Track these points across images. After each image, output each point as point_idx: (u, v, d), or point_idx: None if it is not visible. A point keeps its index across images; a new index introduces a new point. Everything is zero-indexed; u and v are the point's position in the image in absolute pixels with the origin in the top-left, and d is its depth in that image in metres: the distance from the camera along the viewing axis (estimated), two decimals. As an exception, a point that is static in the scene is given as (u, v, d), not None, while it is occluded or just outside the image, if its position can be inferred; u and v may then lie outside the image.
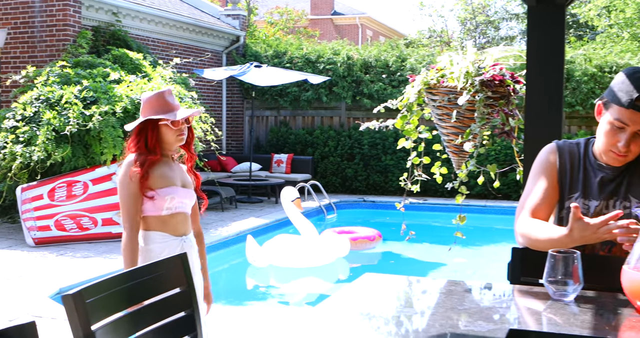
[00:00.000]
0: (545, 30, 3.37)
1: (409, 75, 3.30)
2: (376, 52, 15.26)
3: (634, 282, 1.90)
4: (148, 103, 3.31)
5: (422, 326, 1.84)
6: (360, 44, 27.72)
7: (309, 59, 15.30)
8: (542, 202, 2.51)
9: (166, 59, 13.17)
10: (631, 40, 22.13)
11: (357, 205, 13.66)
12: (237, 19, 16.13)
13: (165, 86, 3.86)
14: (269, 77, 12.55)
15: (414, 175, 3.44)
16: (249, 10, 21.16)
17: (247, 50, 15.92)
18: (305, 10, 30.38)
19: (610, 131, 2.37)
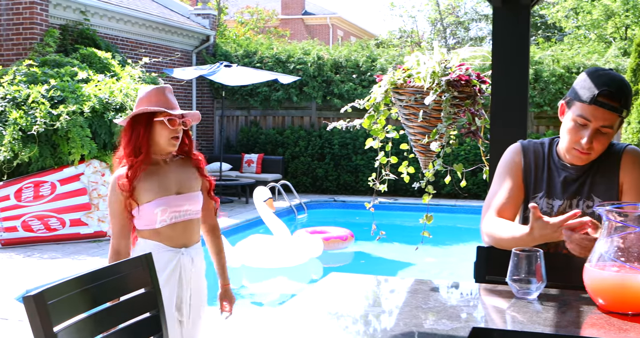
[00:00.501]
0: (510, 31, 3.39)
1: (376, 75, 3.31)
2: (346, 52, 15.29)
3: (595, 280, 1.93)
4: (146, 97, 3.00)
5: (386, 325, 1.85)
6: (331, 44, 27.77)
7: (280, 59, 15.28)
8: (508, 202, 2.53)
9: (135, 58, 13.08)
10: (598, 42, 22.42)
11: (327, 205, 13.67)
12: (207, 19, 16.06)
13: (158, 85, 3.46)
14: (239, 76, 12.52)
15: (382, 175, 3.45)
16: (219, 10, 21.08)
17: (217, 50, 15.86)
18: (276, 10, 30.35)
19: (574, 128, 2.40)
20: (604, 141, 2.39)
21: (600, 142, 2.38)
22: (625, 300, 1.88)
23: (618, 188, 2.46)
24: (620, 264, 1.90)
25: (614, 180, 2.46)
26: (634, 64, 12.45)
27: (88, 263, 7.59)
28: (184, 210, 3.05)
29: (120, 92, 9.29)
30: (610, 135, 2.39)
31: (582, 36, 24.26)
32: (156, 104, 2.97)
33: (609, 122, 2.34)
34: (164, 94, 3.02)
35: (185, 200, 3.05)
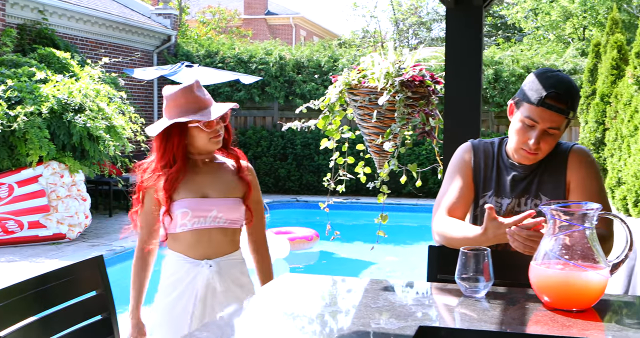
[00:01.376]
0: (463, 32, 3.43)
1: (332, 76, 3.32)
2: (308, 52, 15.31)
3: (540, 278, 1.96)
4: (173, 101, 2.69)
5: (333, 325, 1.86)
6: (293, 44, 27.74)
7: (241, 59, 15.25)
8: (458, 201, 2.56)
9: (95, 58, 12.93)
10: (556, 42, 22.75)
11: (290, 205, 13.67)
12: (169, 18, 15.96)
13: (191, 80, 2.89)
14: (200, 76, 12.43)
15: (337, 175, 3.46)
16: (180, 10, 20.95)
17: (179, 50, 15.77)
18: (239, 9, 30.24)
19: (521, 129, 2.44)
20: (551, 142, 2.43)
21: (547, 143, 2.42)
22: (570, 297, 1.92)
23: (565, 187, 2.50)
24: (564, 262, 1.93)
25: (562, 179, 2.50)
26: (591, 64, 12.66)
27: (46, 266, 7.49)
28: (212, 217, 2.72)
29: (79, 92, 9.19)
30: (557, 135, 2.43)
31: (541, 37, 24.58)
32: (186, 108, 2.66)
33: (556, 123, 2.38)
34: (192, 94, 2.69)
35: (214, 205, 2.72)
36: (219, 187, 2.76)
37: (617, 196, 8.62)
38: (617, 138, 9.55)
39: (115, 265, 8.29)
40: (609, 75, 10.86)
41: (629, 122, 8.52)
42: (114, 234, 9.71)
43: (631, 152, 7.96)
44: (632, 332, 1.76)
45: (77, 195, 9.22)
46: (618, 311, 2.03)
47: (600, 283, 1.93)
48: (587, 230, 1.94)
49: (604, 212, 2.03)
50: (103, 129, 9.08)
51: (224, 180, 2.79)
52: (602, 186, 2.51)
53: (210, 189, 2.74)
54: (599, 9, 21.70)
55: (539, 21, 23.99)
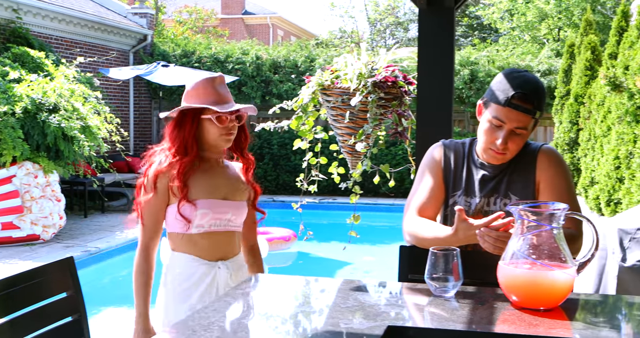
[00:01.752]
0: (435, 32, 3.45)
1: (305, 77, 3.32)
2: (285, 52, 15.31)
3: (508, 277, 1.98)
4: (193, 89, 2.68)
5: (303, 325, 1.86)
6: (271, 44, 27.72)
7: (218, 59, 15.22)
8: (429, 201, 2.58)
9: (70, 57, 12.84)
10: (532, 43, 22.92)
11: (267, 205, 13.62)
12: (145, 18, 15.88)
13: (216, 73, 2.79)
14: (176, 76, 12.41)
15: (310, 176, 3.47)
16: (156, 9, 20.85)
17: (155, 50, 15.70)
18: (216, 9, 30.16)
19: (489, 129, 2.46)
20: (519, 141, 2.45)
21: (515, 143, 2.45)
22: (537, 296, 1.94)
23: (534, 186, 2.53)
24: (532, 261, 1.96)
25: (531, 178, 2.53)
26: (565, 65, 12.76)
27: (20, 267, 7.43)
28: (227, 219, 2.70)
29: (53, 92, 9.12)
30: (525, 135, 2.45)
31: (517, 37, 24.75)
32: (204, 98, 2.65)
33: (523, 123, 2.41)
34: (213, 86, 2.67)
35: (230, 207, 2.70)
36: (234, 190, 2.75)
37: (590, 195, 8.70)
38: (591, 138, 9.65)
39: (90, 267, 8.25)
40: (583, 76, 10.96)
41: (602, 123, 8.61)
42: (89, 235, 9.65)
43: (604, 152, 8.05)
44: (597, 330, 1.78)
45: (52, 195, 9.14)
46: (585, 309, 2.05)
47: (567, 283, 1.95)
48: (554, 229, 1.97)
49: (571, 212, 2.05)
50: (78, 129, 9.01)
51: (236, 183, 2.78)
52: (571, 185, 2.54)
53: (228, 191, 2.72)
54: (574, 11, 21.90)
55: (514, 22, 24.16)
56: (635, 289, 3.55)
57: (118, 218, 11.24)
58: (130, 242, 9.41)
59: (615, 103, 7.59)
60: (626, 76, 7.11)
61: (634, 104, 6.71)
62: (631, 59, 6.97)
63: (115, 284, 8.53)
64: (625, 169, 6.81)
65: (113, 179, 12.13)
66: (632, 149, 6.54)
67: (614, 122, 7.60)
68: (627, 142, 6.81)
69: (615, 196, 7.30)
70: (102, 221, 10.99)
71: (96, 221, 10.96)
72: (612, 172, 7.29)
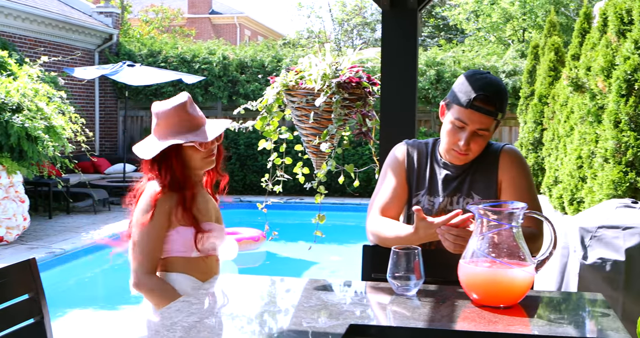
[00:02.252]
0: (398, 33, 3.48)
1: (270, 77, 3.33)
2: (252, 52, 15.29)
3: (469, 275, 2.00)
4: (165, 119, 2.58)
5: (267, 324, 1.87)
6: (238, 44, 27.64)
7: (184, 59, 15.15)
8: (392, 201, 2.61)
9: (34, 56, 12.69)
10: (497, 44, 23.15)
11: (234, 205, 13.59)
12: (110, 17, 15.74)
13: (183, 95, 2.66)
14: (142, 76, 12.33)
15: (275, 176, 3.47)
16: (122, 8, 20.66)
17: (121, 49, 15.58)
18: (182, 9, 29.99)
19: (452, 130, 2.49)
20: (481, 142, 2.49)
21: (477, 143, 2.48)
22: (497, 294, 1.97)
23: (497, 186, 2.56)
24: (491, 260, 1.99)
25: (493, 178, 2.56)
26: (530, 66, 12.91)
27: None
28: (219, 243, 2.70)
29: (17, 91, 9.00)
30: (487, 136, 2.49)
31: (482, 38, 24.98)
32: (180, 127, 2.56)
33: (485, 125, 2.44)
34: (185, 112, 2.59)
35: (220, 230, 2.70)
36: (219, 213, 2.77)
37: (554, 194, 8.80)
38: (554, 138, 9.77)
39: (54, 268, 8.17)
40: (547, 77, 11.09)
41: (565, 123, 8.72)
42: (54, 236, 9.55)
43: (567, 152, 8.15)
44: (555, 326, 1.82)
45: (15, 196, 9.03)
46: (544, 306, 2.09)
47: (526, 280, 1.99)
48: (513, 228, 2.00)
49: (529, 211, 2.09)
50: (42, 129, 8.90)
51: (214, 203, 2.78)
52: (531, 185, 2.58)
53: (217, 215, 2.73)
54: (538, 12, 22.15)
55: (480, 23, 24.37)
56: (596, 286, 3.62)
57: (84, 220, 11.13)
58: (96, 244, 9.33)
59: (577, 103, 7.70)
60: (588, 77, 7.22)
61: (595, 104, 6.82)
62: (593, 60, 7.07)
63: (80, 286, 8.46)
64: (587, 168, 6.91)
65: (78, 180, 12.01)
66: (594, 148, 6.64)
67: (577, 122, 7.71)
68: (589, 141, 6.91)
69: (578, 195, 7.41)
70: (67, 222, 10.88)
71: (61, 222, 10.85)
72: (575, 171, 7.40)
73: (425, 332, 1.80)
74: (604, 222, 3.80)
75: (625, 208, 3.96)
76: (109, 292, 8.30)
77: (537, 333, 1.78)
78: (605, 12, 7.08)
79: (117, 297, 7.91)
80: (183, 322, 1.83)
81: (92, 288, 8.55)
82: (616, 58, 6.19)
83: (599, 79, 6.52)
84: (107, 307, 7.42)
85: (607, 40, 6.52)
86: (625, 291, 3.58)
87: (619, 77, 5.83)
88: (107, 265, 9.31)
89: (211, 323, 1.82)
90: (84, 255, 8.97)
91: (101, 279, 8.98)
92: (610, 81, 6.10)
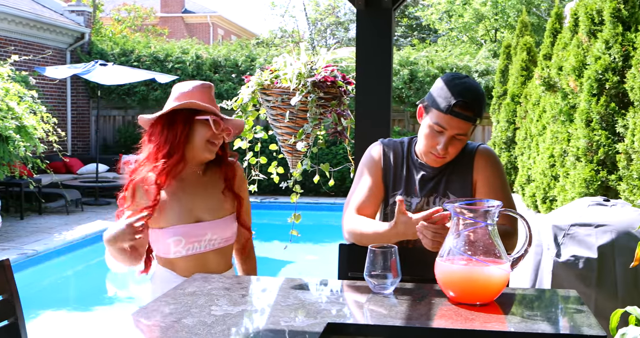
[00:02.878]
0: (373, 33, 3.49)
1: (244, 76, 3.32)
2: (225, 51, 15.24)
3: (445, 273, 2.02)
4: (187, 92, 2.54)
5: (244, 324, 1.87)
6: (211, 43, 27.53)
7: (157, 58, 15.07)
8: (367, 200, 2.61)
9: (4, 55, 12.54)
10: (469, 44, 23.30)
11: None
12: (82, 15, 15.60)
13: None
14: (115, 75, 12.23)
15: (250, 175, 3.47)
16: (94, 7, 20.50)
17: (93, 48, 15.45)
18: (155, 7, 29.79)
19: (430, 134, 2.50)
20: (459, 146, 2.51)
21: (455, 147, 2.51)
22: (473, 291, 1.99)
23: (472, 186, 2.59)
24: (467, 258, 2.00)
25: (468, 178, 2.58)
26: (502, 65, 13.01)
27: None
28: (207, 240, 2.57)
29: (-13, 91, 8.90)
30: (465, 140, 2.51)
31: (455, 38, 25.12)
32: (200, 100, 2.51)
33: (464, 130, 2.46)
34: (209, 93, 2.57)
35: (208, 228, 2.56)
36: (211, 207, 2.59)
37: (527, 193, 8.89)
38: (527, 137, 9.86)
39: (27, 269, 8.08)
40: (519, 76, 11.19)
41: (537, 122, 8.81)
42: (26, 237, 9.44)
43: (539, 151, 8.24)
44: (531, 323, 1.84)
45: (-14, 197, 8.93)
46: (519, 303, 2.11)
47: (502, 278, 2.00)
48: (489, 226, 2.01)
49: (504, 209, 2.11)
50: (13, 129, 8.79)
51: (214, 197, 2.62)
52: (505, 184, 2.61)
53: (203, 211, 2.57)
54: (510, 12, 22.33)
55: (452, 23, 24.51)
56: (569, 283, 3.66)
57: (56, 220, 11.02)
58: (69, 244, 9.25)
59: (549, 103, 7.78)
60: (560, 76, 7.30)
61: (567, 103, 6.89)
62: (565, 60, 7.15)
63: (54, 287, 8.38)
64: (559, 166, 6.99)
65: (50, 180, 11.88)
66: (566, 147, 6.71)
67: (549, 121, 7.79)
68: (561, 140, 6.99)
69: (551, 193, 7.48)
70: (40, 223, 10.77)
71: (33, 223, 10.73)
72: (547, 170, 7.48)
73: (403, 330, 1.80)
74: (577, 220, 3.84)
75: (597, 206, 4.00)
76: (82, 293, 8.24)
77: (514, 330, 1.79)
78: (577, 12, 7.16)
79: (90, 298, 7.86)
80: (161, 323, 1.82)
81: (65, 290, 8.48)
82: (587, 58, 6.26)
83: (570, 78, 6.59)
84: (80, 308, 7.37)
85: (578, 40, 6.59)
86: (598, 288, 3.62)
87: (590, 76, 5.90)
88: (80, 266, 9.24)
89: (189, 323, 1.81)
90: (56, 256, 8.88)
91: (74, 280, 8.91)
92: (582, 81, 6.17)
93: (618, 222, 3.76)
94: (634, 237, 3.64)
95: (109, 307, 7.43)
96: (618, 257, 3.63)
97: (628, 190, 5.20)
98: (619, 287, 3.59)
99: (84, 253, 9.35)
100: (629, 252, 3.61)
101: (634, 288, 3.59)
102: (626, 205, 4.04)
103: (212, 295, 2.09)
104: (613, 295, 3.60)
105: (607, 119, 5.76)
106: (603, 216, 3.84)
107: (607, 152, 5.72)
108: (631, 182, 5.16)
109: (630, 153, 5.28)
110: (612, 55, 5.71)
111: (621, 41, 5.65)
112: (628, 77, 5.40)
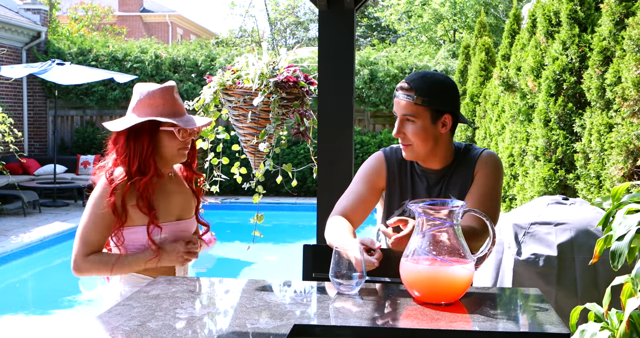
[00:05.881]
0: (335, 33, 3.49)
1: (206, 76, 3.30)
2: (185, 51, 15.13)
3: (410, 273, 2.02)
4: (148, 98, 2.47)
5: (209, 326, 1.85)
6: (170, 43, 27.31)
7: (116, 57, 14.90)
8: (355, 205, 2.64)
9: (-42, 55, 12.29)
10: (429, 44, 23.47)
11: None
12: (38, 14, 15.36)
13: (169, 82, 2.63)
14: (72, 75, 12.06)
15: (212, 176, 3.44)
16: (50, 5, 20.21)
17: (50, 47, 15.22)
18: (113, 6, 29.45)
19: None
20: (415, 130, 2.52)
21: (410, 131, 2.54)
22: (438, 291, 2.00)
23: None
24: (432, 258, 2.01)
25: (469, 181, 2.61)
26: (461, 66, 13.12)
27: None
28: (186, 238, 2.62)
29: (-60, 91, 8.71)
30: (419, 125, 2.51)
31: (415, 38, 25.27)
32: (162, 109, 2.46)
33: (409, 110, 2.51)
34: (171, 96, 2.52)
35: (187, 227, 2.64)
36: (186, 207, 2.65)
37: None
38: (486, 137, 9.95)
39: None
40: (478, 77, 11.29)
41: (496, 122, 8.90)
42: (-18, 239, 9.28)
43: (499, 150, 8.32)
44: (495, 321, 1.85)
45: (-60, 199, 8.74)
46: (483, 302, 2.12)
47: (466, 277, 2.01)
48: (453, 226, 2.03)
49: (468, 209, 2.12)
50: (-33, 130, 8.64)
51: (188, 198, 2.68)
52: (496, 191, 2.58)
53: (182, 210, 2.62)
54: (468, 13, 22.54)
55: (412, 23, 24.67)
56: (530, 281, 3.70)
57: (13, 222, 10.83)
58: (27, 247, 9.10)
59: (508, 103, 7.86)
60: (518, 77, 7.38)
61: (526, 103, 6.97)
62: (523, 60, 7.23)
63: (11, 290, 8.23)
64: (519, 166, 7.07)
65: (7, 181, 11.67)
66: (525, 146, 6.80)
67: (508, 121, 7.88)
68: (520, 140, 7.07)
69: (510, 192, 7.57)
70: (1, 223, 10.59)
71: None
72: (507, 169, 7.55)
73: (370, 331, 1.80)
74: (537, 219, 3.89)
75: (556, 205, 4.06)
76: (40, 296, 8.10)
77: (479, 329, 1.81)
78: (534, 13, 7.25)
79: (49, 301, 7.74)
80: (125, 326, 1.80)
81: (23, 293, 8.34)
82: (545, 58, 6.34)
83: (529, 78, 6.67)
84: (39, 311, 7.25)
85: (536, 41, 6.68)
86: (558, 285, 3.67)
87: (548, 77, 5.98)
88: (38, 269, 9.10)
89: (154, 326, 1.79)
90: (14, 259, 8.73)
91: (32, 283, 8.77)
92: (540, 81, 6.25)
93: (577, 220, 3.82)
94: (592, 234, 3.70)
95: (68, 310, 7.32)
96: (577, 254, 3.69)
97: (586, 189, 5.28)
98: (579, 284, 3.65)
99: (42, 256, 9.21)
100: (588, 249, 3.67)
101: (593, 285, 3.65)
102: (584, 203, 4.11)
103: (176, 297, 2.07)
104: (573, 292, 3.66)
105: (565, 118, 5.84)
106: (562, 214, 3.89)
107: (565, 152, 5.80)
108: (589, 181, 5.24)
109: (587, 152, 5.36)
110: (569, 56, 5.80)
111: (578, 42, 5.74)
112: (585, 78, 5.49)
